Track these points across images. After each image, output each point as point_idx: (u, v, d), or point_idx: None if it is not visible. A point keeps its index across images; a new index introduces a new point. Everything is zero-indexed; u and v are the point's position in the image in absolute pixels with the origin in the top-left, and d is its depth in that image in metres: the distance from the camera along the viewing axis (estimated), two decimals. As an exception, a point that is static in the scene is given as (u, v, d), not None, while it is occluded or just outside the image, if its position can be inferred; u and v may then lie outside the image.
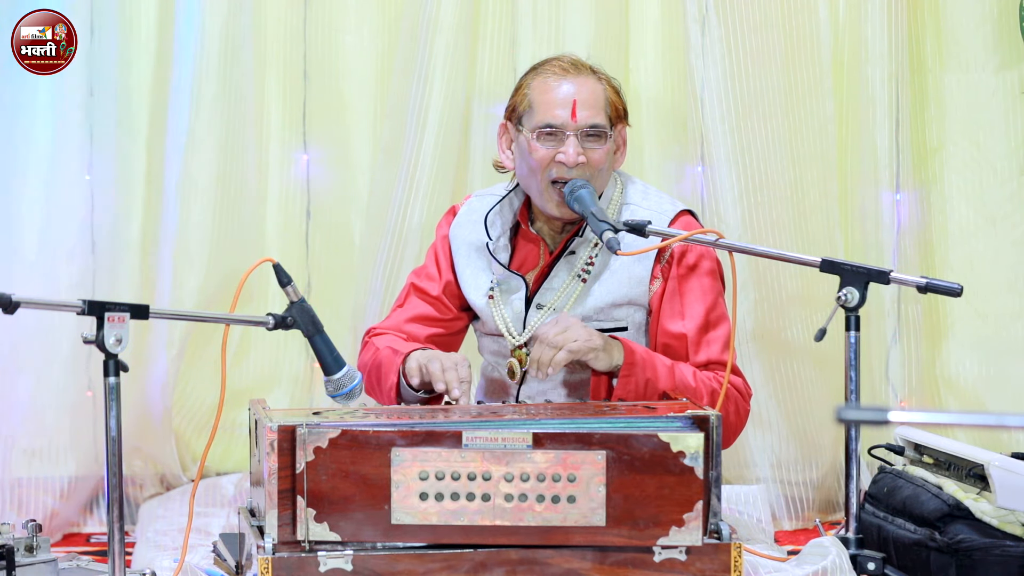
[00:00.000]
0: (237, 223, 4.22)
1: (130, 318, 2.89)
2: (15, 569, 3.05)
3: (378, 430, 2.96)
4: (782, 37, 4.23)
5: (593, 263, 3.53)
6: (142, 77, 4.18)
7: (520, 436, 2.97)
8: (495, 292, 3.60)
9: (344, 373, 3.17)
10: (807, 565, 3.19)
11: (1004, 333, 4.39)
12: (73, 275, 4.12)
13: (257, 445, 3.11)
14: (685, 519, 2.97)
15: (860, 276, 3.39)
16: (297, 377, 4.38)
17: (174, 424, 4.25)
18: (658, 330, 3.49)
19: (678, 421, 3.07)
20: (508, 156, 3.59)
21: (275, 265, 3.12)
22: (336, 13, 4.34)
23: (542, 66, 3.56)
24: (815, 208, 4.26)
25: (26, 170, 4.10)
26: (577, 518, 2.96)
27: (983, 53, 4.36)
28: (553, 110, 3.48)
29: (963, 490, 3.38)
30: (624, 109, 3.57)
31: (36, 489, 4.11)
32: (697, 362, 3.46)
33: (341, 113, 4.36)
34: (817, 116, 4.26)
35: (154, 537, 3.71)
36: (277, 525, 2.95)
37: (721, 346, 3.47)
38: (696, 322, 3.48)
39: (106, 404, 2.89)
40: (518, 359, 3.56)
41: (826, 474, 4.31)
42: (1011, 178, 4.38)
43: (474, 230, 3.65)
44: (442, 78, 4.18)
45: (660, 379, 3.38)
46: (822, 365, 4.21)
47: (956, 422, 4.09)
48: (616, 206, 3.56)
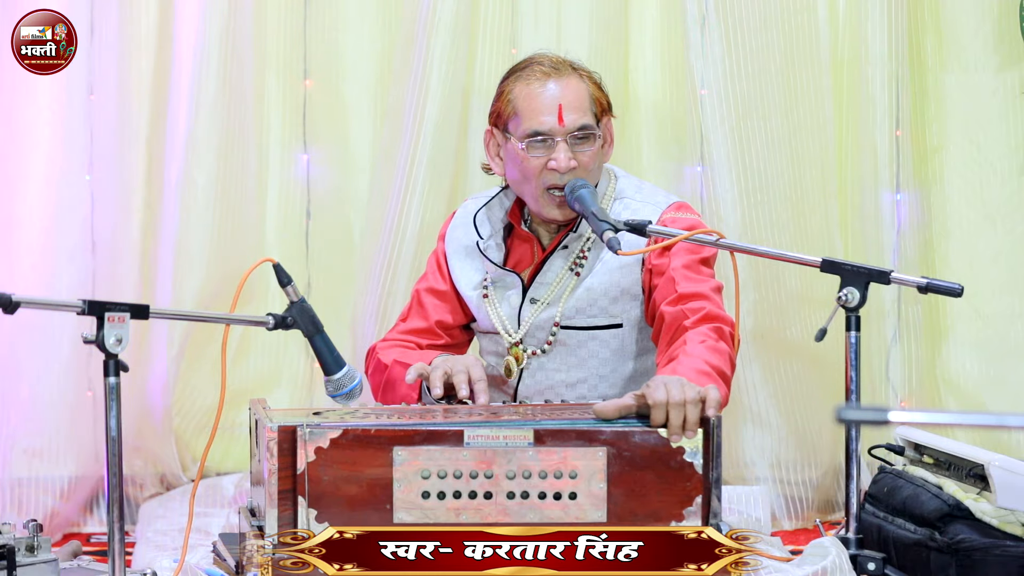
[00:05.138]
0: (237, 223, 4.22)
1: (130, 318, 2.89)
2: (16, 569, 3.05)
3: (379, 429, 2.96)
4: (782, 37, 4.23)
5: (586, 256, 3.53)
6: (142, 77, 4.18)
7: (521, 434, 2.97)
8: (489, 290, 3.60)
9: (344, 373, 3.17)
10: (807, 565, 3.19)
11: (1004, 333, 4.39)
12: (73, 275, 4.12)
13: (257, 445, 3.11)
14: (685, 514, 2.98)
15: (860, 276, 3.39)
16: (297, 377, 4.39)
17: (174, 424, 4.26)
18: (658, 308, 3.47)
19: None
20: (497, 162, 3.59)
21: (275, 265, 3.12)
22: (336, 13, 4.34)
23: (522, 69, 3.54)
24: (815, 208, 4.26)
25: (26, 170, 4.10)
26: (578, 515, 2.97)
27: (983, 53, 4.36)
28: (539, 116, 3.47)
29: (963, 490, 3.38)
30: (608, 101, 3.55)
31: (36, 489, 4.11)
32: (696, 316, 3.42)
33: (341, 113, 4.36)
34: (817, 116, 4.26)
35: (154, 537, 3.72)
36: (277, 525, 2.95)
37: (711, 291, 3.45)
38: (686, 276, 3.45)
39: (106, 404, 2.89)
40: (515, 356, 3.57)
41: (826, 474, 4.32)
42: (1011, 178, 4.38)
43: (466, 232, 3.66)
44: (440, 78, 4.18)
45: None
46: (822, 365, 4.21)
47: (956, 422, 4.09)
48: (609, 200, 3.56)
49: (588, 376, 3.55)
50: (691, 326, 3.36)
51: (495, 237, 3.62)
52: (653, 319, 3.48)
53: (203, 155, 4.17)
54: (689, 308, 3.39)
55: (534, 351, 3.57)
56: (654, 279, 3.48)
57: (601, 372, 3.55)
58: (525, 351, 3.57)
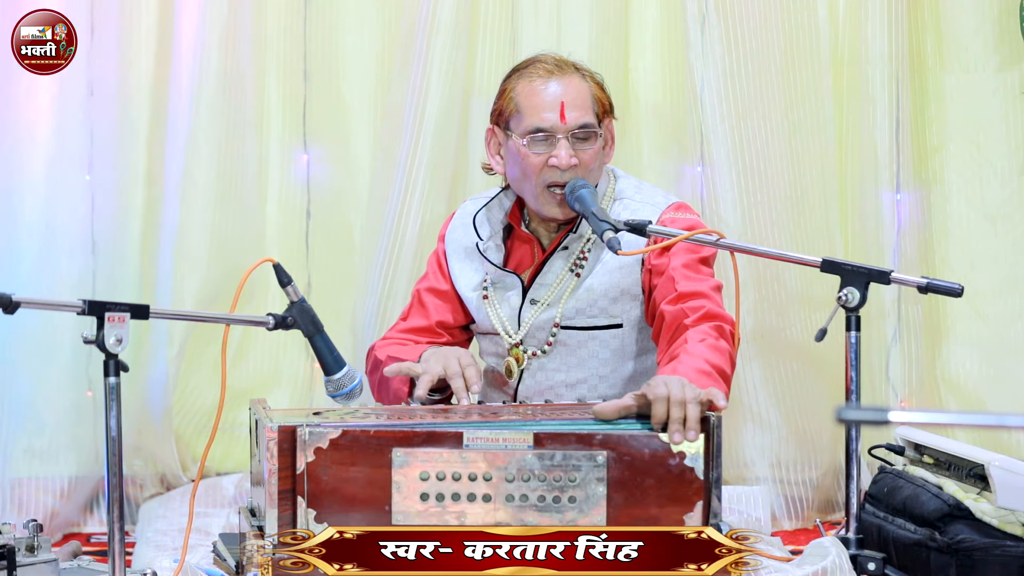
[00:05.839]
0: (237, 223, 4.22)
1: (130, 318, 2.89)
2: (16, 569, 3.05)
3: (379, 431, 2.96)
4: (782, 37, 4.23)
5: (586, 257, 3.54)
6: (142, 77, 4.18)
7: (521, 436, 2.97)
8: (489, 291, 3.60)
9: (344, 373, 3.18)
10: (807, 565, 3.19)
11: (1004, 333, 4.39)
12: (73, 275, 4.12)
13: (257, 445, 3.11)
14: (685, 519, 2.97)
15: (860, 276, 3.38)
16: (297, 377, 4.39)
17: (174, 424, 4.26)
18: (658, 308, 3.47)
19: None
20: (497, 161, 3.59)
21: (275, 265, 3.12)
22: (336, 13, 4.34)
23: (525, 68, 3.55)
24: (815, 208, 4.26)
25: (26, 170, 4.10)
26: (578, 518, 2.96)
27: (983, 53, 4.36)
28: (541, 113, 3.48)
29: (963, 490, 3.38)
30: (610, 103, 3.56)
31: (36, 489, 4.11)
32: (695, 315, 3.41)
33: (341, 113, 4.36)
34: (817, 116, 4.26)
35: (154, 537, 3.72)
36: (277, 525, 2.95)
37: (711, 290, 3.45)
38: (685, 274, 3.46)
39: (106, 404, 2.89)
40: (515, 357, 3.57)
41: (826, 474, 4.31)
42: (1011, 178, 4.38)
43: (466, 233, 3.66)
44: (440, 78, 4.18)
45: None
46: (822, 365, 4.21)
47: (956, 422, 4.09)
48: (609, 200, 3.56)
49: (588, 376, 3.55)
50: (691, 325, 3.36)
51: (495, 238, 3.62)
52: (653, 319, 3.49)
53: (203, 155, 4.17)
54: (689, 307, 3.39)
55: (534, 352, 3.57)
56: (654, 279, 3.48)
57: (601, 372, 3.55)
58: (525, 352, 3.57)
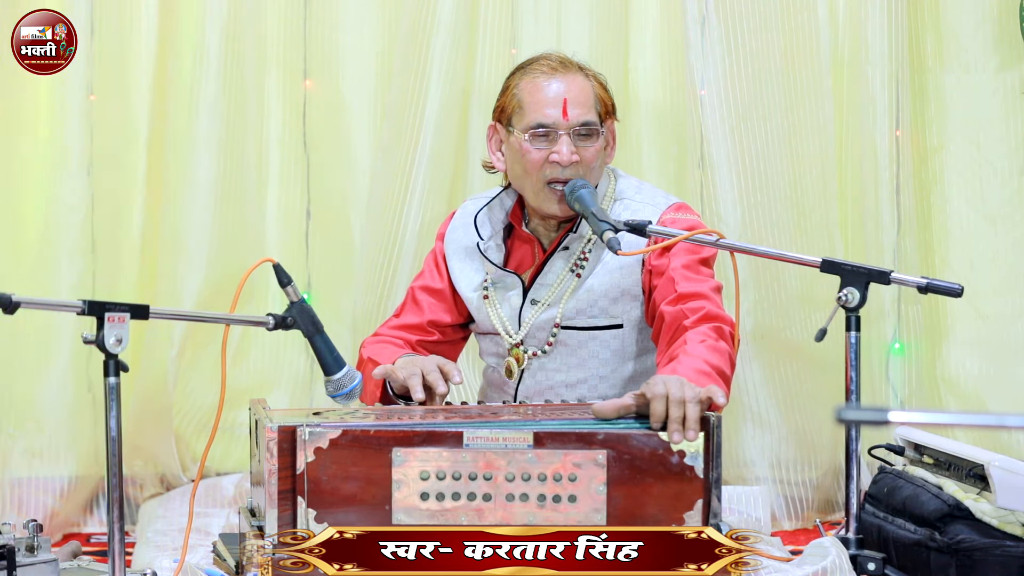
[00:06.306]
0: (237, 223, 4.22)
1: (130, 318, 2.89)
2: (16, 569, 3.05)
3: (379, 430, 2.96)
4: (782, 37, 4.23)
5: (587, 257, 3.54)
6: (142, 77, 4.18)
7: (521, 436, 2.97)
8: (489, 291, 3.60)
9: (344, 373, 3.18)
10: (807, 565, 3.19)
11: (1004, 333, 4.39)
12: (73, 275, 4.13)
13: (257, 445, 3.11)
14: (685, 518, 2.97)
15: (860, 276, 3.38)
16: (297, 377, 4.38)
17: (174, 424, 4.25)
18: (658, 308, 3.47)
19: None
20: (499, 158, 3.59)
21: (275, 265, 3.12)
22: (336, 13, 4.34)
23: (529, 65, 3.56)
24: (815, 208, 4.26)
25: (27, 170, 4.10)
26: (578, 518, 2.96)
27: (983, 53, 4.36)
28: (544, 109, 3.49)
29: (963, 490, 3.38)
30: (612, 104, 3.57)
31: (36, 489, 4.11)
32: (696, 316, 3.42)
33: (341, 113, 4.36)
34: (817, 116, 4.26)
35: (154, 537, 3.71)
36: (277, 525, 2.95)
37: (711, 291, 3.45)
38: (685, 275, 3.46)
39: (106, 404, 2.88)
40: (515, 357, 3.57)
41: (826, 474, 4.31)
42: (1011, 178, 4.38)
43: (466, 233, 3.66)
44: (440, 78, 4.18)
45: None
46: (822, 365, 4.21)
47: (956, 422, 4.09)
48: (609, 200, 3.56)
49: (588, 376, 3.55)
50: (691, 325, 3.36)
51: (495, 238, 3.62)
52: (653, 319, 3.49)
53: (203, 155, 4.17)
54: (689, 308, 3.39)
55: (535, 352, 3.57)
56: (654, 279, 3.49)
57: (601, 373, 3.55)
58: (526, 352, 3.57)
